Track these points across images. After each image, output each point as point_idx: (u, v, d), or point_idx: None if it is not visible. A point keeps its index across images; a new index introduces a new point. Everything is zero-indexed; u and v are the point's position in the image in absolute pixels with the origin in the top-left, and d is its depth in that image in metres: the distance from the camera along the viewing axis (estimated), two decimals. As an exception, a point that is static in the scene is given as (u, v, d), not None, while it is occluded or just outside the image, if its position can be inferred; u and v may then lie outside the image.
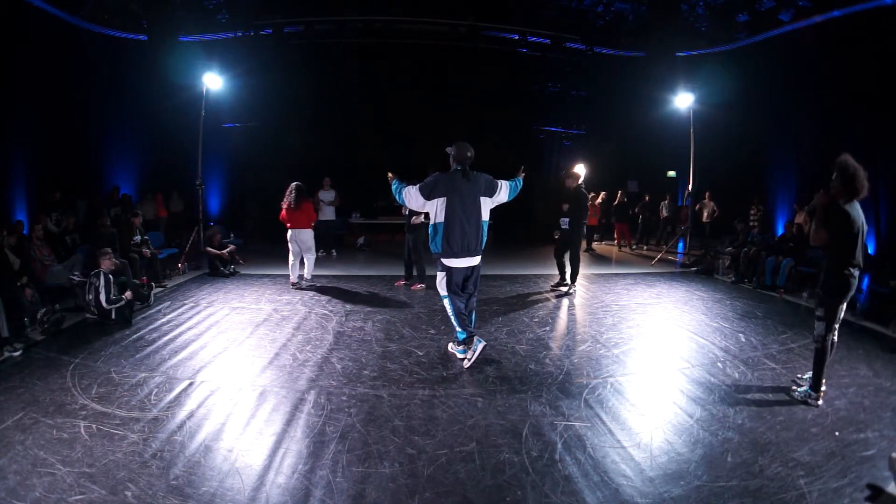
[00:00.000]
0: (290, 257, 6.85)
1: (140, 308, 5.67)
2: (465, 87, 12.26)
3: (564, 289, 6.85)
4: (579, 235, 6.77)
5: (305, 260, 6.95)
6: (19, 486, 2.46)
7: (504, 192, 4.24)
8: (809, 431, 3.10)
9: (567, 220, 6.68)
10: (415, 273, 7.03)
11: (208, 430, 3.04)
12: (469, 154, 4.08)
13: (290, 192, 6.71)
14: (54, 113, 8.49)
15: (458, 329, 4.11)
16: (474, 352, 4.03)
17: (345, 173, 11.48)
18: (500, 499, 2.45)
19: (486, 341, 4.15)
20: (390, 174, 4.39)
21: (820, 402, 3.47)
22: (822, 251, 3.57)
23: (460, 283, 4.13)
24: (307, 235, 6.82)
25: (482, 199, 4.08)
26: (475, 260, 4.12)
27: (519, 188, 4.39)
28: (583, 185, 6.90)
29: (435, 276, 4.23)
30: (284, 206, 6.72)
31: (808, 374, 3.66)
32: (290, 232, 6.76)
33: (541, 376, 3.92)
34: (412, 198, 4.07)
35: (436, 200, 3.99)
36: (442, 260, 4.06)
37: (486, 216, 4.12)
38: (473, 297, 4.28)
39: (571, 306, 6.20)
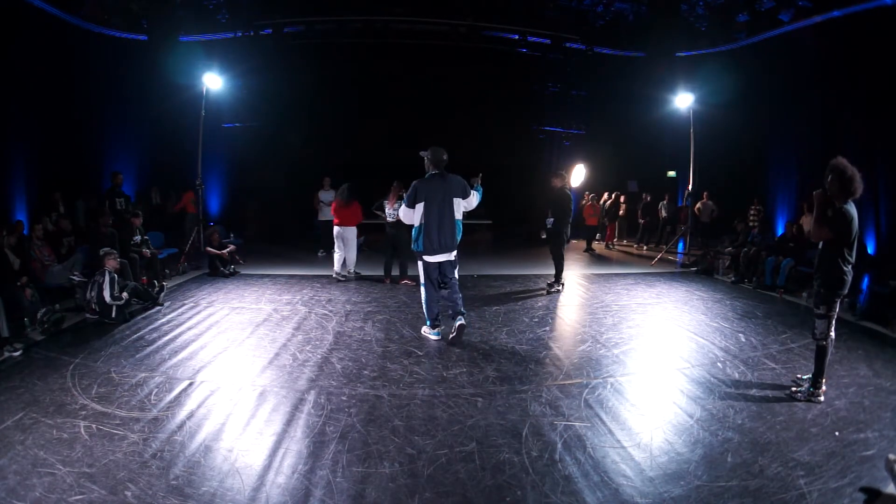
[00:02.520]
0: (336, 252, 7.38)
1: (148, 307, 5.70)
2: (465, 88, 12.26)
3: (558, 287, 6.83)
4: (562, 235, 6.77)
5: (347, 256, 7.43)
6: (19, 486, 2.46)
7: (474, 198, 4.67)
8: (809, 431, 3.10)
9: (552, 219, 6.75)
10: (396, 271, 7.33)
11: (208, 430, 3.04)
12: (444, 157, 4.48)
13: (343, 190, 7.23)
14: (54, 113, 8.48)
15: (426, 316, 4.78)
16: (429, 334, 4.76)
17: (345, 173, 11.48)
18: (500, 499, 2.45)
19: (442, 335, 4.75)
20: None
21: (821, 398, 3.48)
22: (820, 250, 3.57)
23: (436, 275, 4.66)
24: (351, 233, 7.37)
25: (456, 199, 4.50)
26: (450, 255, 4.60)
27: (480, 195, 4.77)
28: (567, 186, 6.98)
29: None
30: (335, 203, 7.27)
31: (808, 375, 3.67)
32: (336, 228, 7.28)
33: (541, 376, 3.92)
34: (405, 214, 4.54)
35: (418, 206, 4.44)
36: (423, 257, 4.58)
37: (458, 215, 4.55)
38: (454, 281, 4.68)
39: (571, 306, 6.20)
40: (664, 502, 2.42)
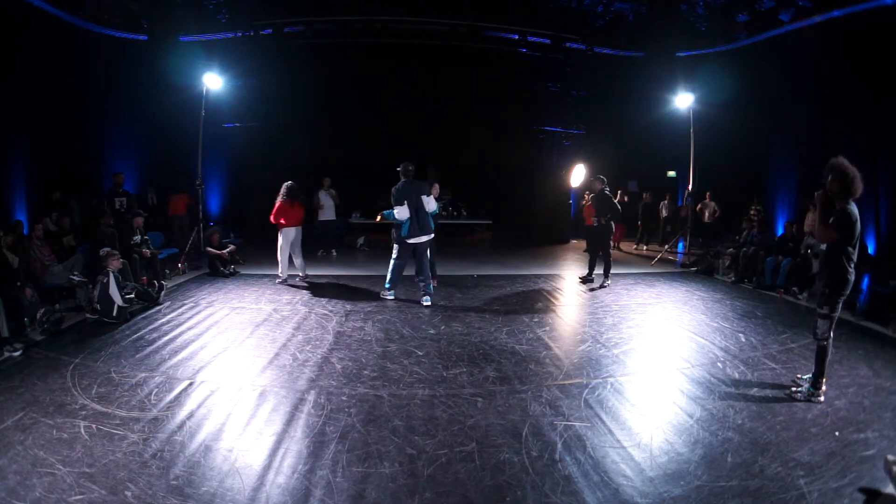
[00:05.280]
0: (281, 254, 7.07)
1: (148, 307, 5.70)
2: (465, 87, 12.25)
3: (593, 283, 7.25)
4: (609, 232, 7.25)
5: (297, 260, 7.11)
6: (19, 486, 2.46)
7: (433, 201, 6.09)
8: (809, 431, 3.10)
9: (597, 219, 7.19)
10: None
11: (208, 430, 3.04)
12: (411, 168, 6.01)
13: (291, 189, 6.98)
14: (54, 113, 8.48)
15: (388, 282, 6.23)
16: (386, 295, 6.23)
17: (345, 173, 11.48)
18: (500, 499, 2.45)
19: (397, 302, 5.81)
20: (378, 217, 6.45)
21: (821, 398, 3.48)
22: (824, 251, 3.57)
23: (411, 252, 6.03)
24: (296, 233, 7.04)
25: (424, 197, 5.98)
26: (429, 237, 6.05)
27: (437, 209, 6.22)
28: (606, 188, 7.29)
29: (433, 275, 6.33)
30: (280, 204, 6.92)
31: (808, 375, 3.67)
32: (295, 230, 7.02)
33: (541, 376, 3.92)
34: (400, 212, 5.85)
35: (405, 203, 5.82)
36: (407, 240, 5.92)
37: (429, 209, 6.00)
38: (426, 257, 6.12)
39: (571, 306, 6.20)
40: (664, 502, 2.42)
